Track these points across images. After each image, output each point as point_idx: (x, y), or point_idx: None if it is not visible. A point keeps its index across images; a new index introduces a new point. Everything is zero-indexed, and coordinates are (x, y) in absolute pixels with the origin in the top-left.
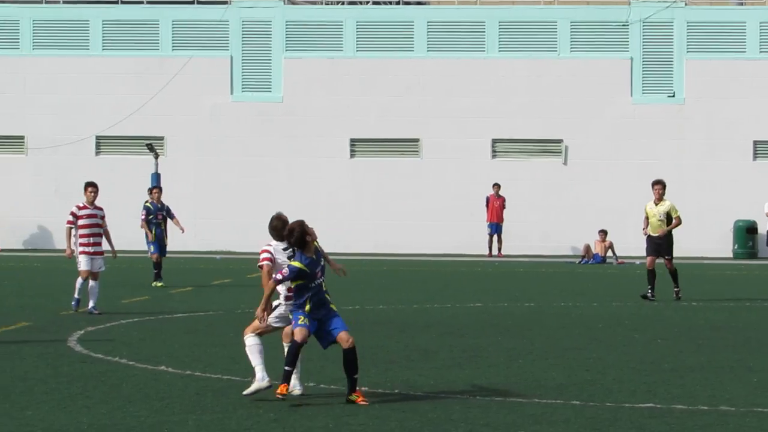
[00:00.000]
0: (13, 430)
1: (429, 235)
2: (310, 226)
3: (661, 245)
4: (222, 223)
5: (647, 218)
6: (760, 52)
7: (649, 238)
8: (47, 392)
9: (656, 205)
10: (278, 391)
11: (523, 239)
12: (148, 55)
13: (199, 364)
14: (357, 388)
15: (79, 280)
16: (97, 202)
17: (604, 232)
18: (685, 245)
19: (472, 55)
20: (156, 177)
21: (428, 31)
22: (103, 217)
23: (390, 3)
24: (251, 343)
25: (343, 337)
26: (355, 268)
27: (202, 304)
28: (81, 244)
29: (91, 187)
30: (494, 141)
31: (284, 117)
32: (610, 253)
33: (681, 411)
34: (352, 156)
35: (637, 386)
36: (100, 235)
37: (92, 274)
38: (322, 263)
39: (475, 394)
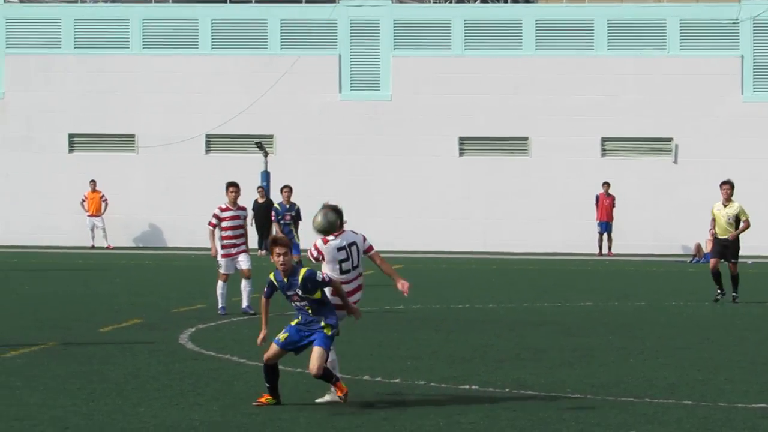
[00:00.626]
0: (125, 426)
1: (538, 234)
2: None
3: (727, 248)
4: None
5: (714, 220)
6: None
7: (716, 240)
8: (159, 389)
9: (724, 206)
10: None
11: (634, 238)
12: (257, 54)
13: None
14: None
15: (220, 284)
16: (208, 200)
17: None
18: None
19: (580, 53)
20: (265, 175)
21: (536, 30)
22: (245, 218)
23: (498, 1)
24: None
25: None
26: (465, 266)
27: None
28: (223, 247)
29: (233, 187)
30: (603, 139)
31: (392, 115)
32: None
33: None
34: (461, 155)
35: (749, 386)
36: (243, 235)
37: (243, 273)
38: (297, 291)
39: (586, 393)
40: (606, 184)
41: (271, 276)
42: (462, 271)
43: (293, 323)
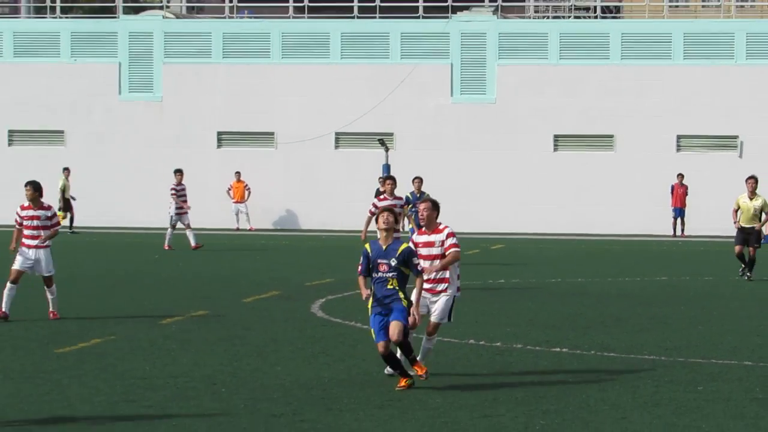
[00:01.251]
0: (266, 383)
1: (621, 219)
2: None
3: (751, 235)
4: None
5: (737, 210)
6: None
7: (741, 229)
8: (294, 351)
9: (750, 199)
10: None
11: (704, 222)
12: (380, 63)
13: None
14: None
15: None
16: (337, 189)
17: None
18: None
19: (659, 62)
20: (386, 168)
21: (622, 41)
22: (403, 206)
23: (588, 17)
24: None
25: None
26: (558, 246)
27: None
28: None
29: (390, 180)
30: (678, 137)
31: (496, 116)
32: None
33: None
34: (555, 150)
35: None
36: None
37: None
38: (391, 261)
39: (660, 355)
40: (680, 176)
41: (367, 246)
42: (556, 250)
43: (370, 313)
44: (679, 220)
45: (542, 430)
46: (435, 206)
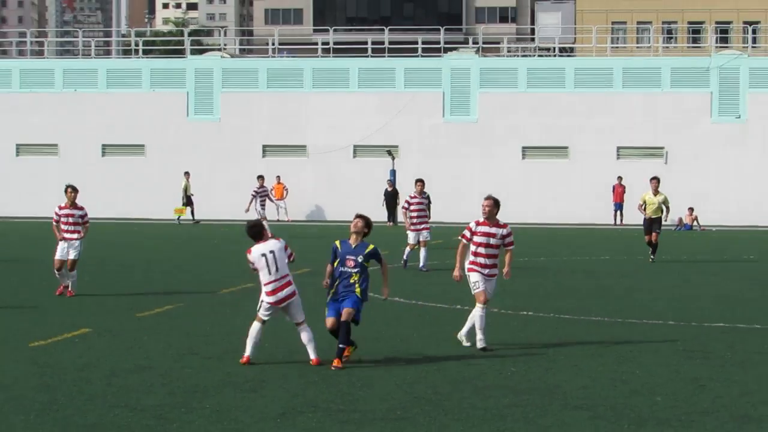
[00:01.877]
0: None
1: (576, 210)
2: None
3: (654, 223)
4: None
5: (644, 204)
6: None
7: (649, 219)
8: (321, 314)
9: (654, 195)
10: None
11: (638, 214)
12: (387, 91)
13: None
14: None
15: (407, 251)
16: (355, 189)
17: (691, 209)
18: None
19: (603, 90)
20: (393, 173)
21: (575, 74)
22: (429, 204)
23: (549, 56)
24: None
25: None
26: (525, 233)
27: None
28: (412, 224)
29: (420, 181)
30: (618, 148)
31: (478, 132)
32: (695, 223)
33: None
34: (523, 158)
35: (714, 311)
36: (426, 216)
37: (422, 243)
38: (358, 257)
39: (604, 317)
40: (619, 178)
41: (337, 243)
42: (523, 236)
43: (329, 299)
44: (618, 213)
45: (512, 375)
46: (496, 204)
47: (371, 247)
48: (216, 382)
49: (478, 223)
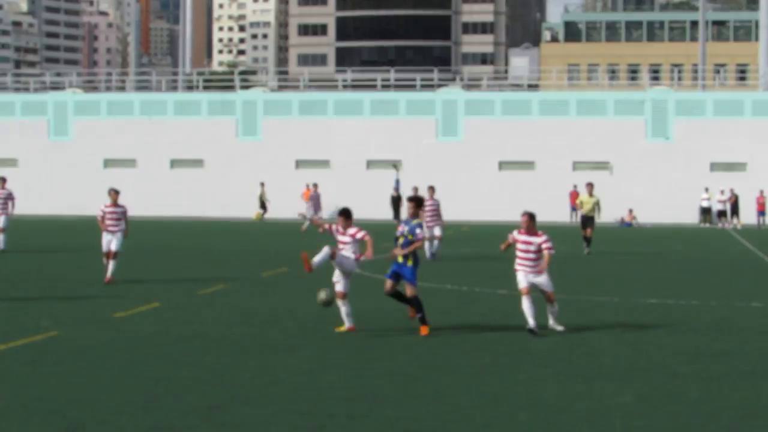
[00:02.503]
0: (319, 310)
1: (539, 212)
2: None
3: (588, 221)
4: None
5: (581, 204)
6: None
7: (583, 217)
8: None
9: (589, 197)
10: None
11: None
12: (393, 118)
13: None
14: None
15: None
16: (368, 194)
17: (630, 210)
18: None
19: (562, 117)
20: (397, 182)
21: (540, 104)
22: (438, 206)
23: (519, 90)
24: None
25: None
26: (500, 229)
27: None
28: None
29: (431, 188)
30: (574, 162)
31: (464, 150)
32: (634, 221)
33: None
34: (500, 170)
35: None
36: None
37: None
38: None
39: (559, 294)
40: (575, 185)
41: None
42: (499, 231)
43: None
44: (573, 213)
45: (491, 341)
46: (531, 217)
47: (415, 221)
48: (259, 346)
49: (519, 232)
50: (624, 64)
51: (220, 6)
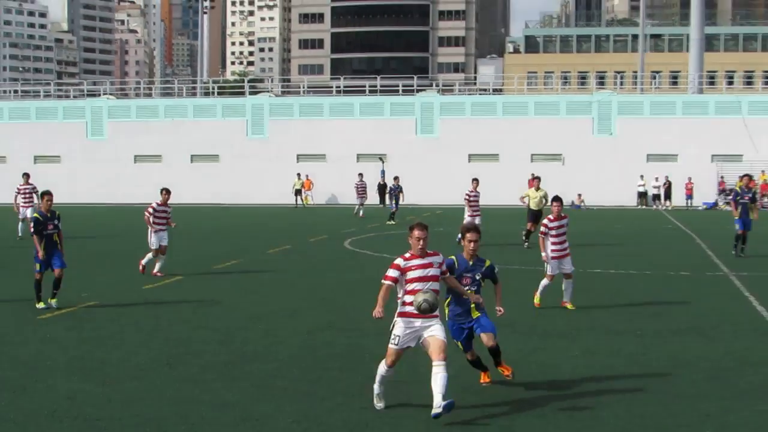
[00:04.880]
0: (321, 278)
1: (502, 197)
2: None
3: (536, 215)
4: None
5: (528, 199)
6: None
7: (530, 210)
8: (332, 269)
9: (536, 191)
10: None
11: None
12: (379, 118)
13: None
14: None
15: None
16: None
17: (580, 194)
18: None
19: (522, 117)
20: (383, 172)
21: (503, 106)
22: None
23: (485, 94)
24: None
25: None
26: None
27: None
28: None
29: (475, 180)
30: (531, 154)
31: (439, 145)
32: (583, 204)
33: None
34: (469, 162)
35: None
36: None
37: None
38: (477, 275)
39: (504, 265)
40: (532, 174)
41: (454, 257)
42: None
43: (448, 319)
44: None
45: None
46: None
47: (489, 262)
48: (266, 312)
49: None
50: (575, 71)
51: (233, 24)
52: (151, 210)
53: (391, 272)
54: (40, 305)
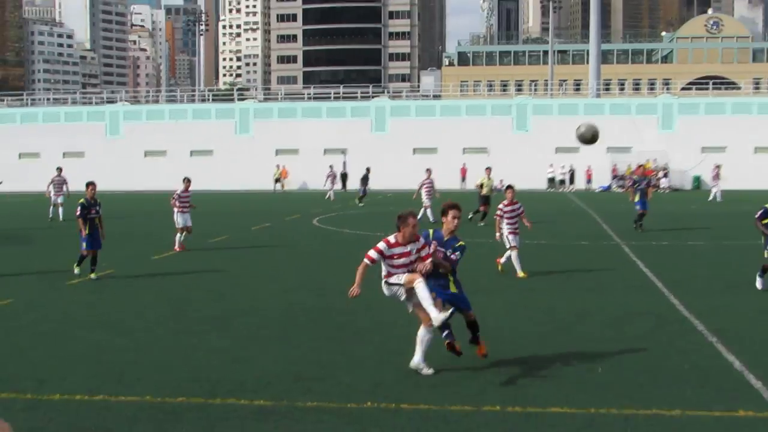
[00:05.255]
0: (294, 248)
1: (441, 183)
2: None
3: (487, 199)
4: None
5: (482, 186)
6: None
7: (484, 196)
8: (304, 242)
9: (488, 179)
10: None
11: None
12: (342, 120)
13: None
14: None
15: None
16: (323, 172)
17: (501, 180)
18: None
19: (454, 117)
20: (344, 163)
21: (441, 109)
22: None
23: (427, 99)
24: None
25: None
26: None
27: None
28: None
29: (510, 189)
30: (463, 148)
31: (389, 140)
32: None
33: None
34: (413, 154)
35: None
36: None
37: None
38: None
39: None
40: (464, 164)
41: (431, 231)
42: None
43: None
44: (463, 183)
45: None
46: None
47: (462, 242)
48: (249, 276)
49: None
50: (498, 80)
51: (224, 44)
52: (176, 196)
53: (373, 254)
54: (77, 270)
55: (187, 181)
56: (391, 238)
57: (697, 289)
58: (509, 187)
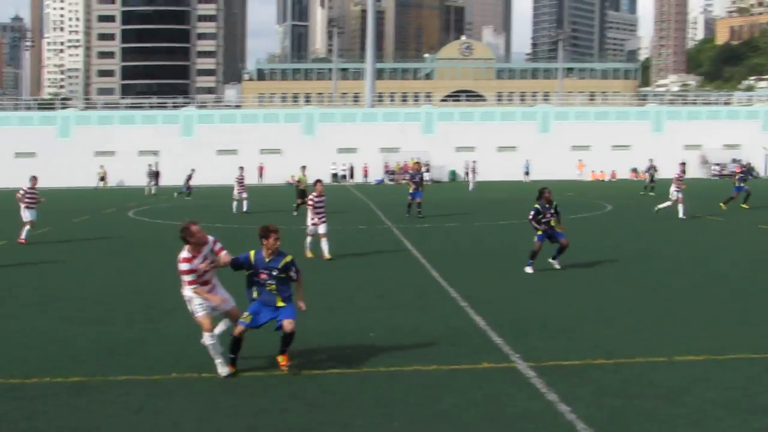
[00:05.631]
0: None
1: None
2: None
3: (303, 192)
4: None
5: (300, 181)
6: None
7: (299, 189)
8: (122, 229)
9: (303, 176)
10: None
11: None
12: (149, 126)
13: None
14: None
15: None
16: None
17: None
18: None
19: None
20: (156, 164)
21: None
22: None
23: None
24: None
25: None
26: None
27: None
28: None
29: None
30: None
31: (192, 143)
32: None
33: None
34: (217, 155)
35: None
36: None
37: None
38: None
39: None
40: (260, 163)
41: (252, 253)
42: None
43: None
44: (260, 179)
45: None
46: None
47: (289, 258)
48: (71, 261)
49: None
50: (290, 93)
51: (48, 58)
52: (22, 192)
53: (186, 277)
54: None
55: (34, 178)
56: (185, 254)
57: (453, 262)
58: (318, 181)
